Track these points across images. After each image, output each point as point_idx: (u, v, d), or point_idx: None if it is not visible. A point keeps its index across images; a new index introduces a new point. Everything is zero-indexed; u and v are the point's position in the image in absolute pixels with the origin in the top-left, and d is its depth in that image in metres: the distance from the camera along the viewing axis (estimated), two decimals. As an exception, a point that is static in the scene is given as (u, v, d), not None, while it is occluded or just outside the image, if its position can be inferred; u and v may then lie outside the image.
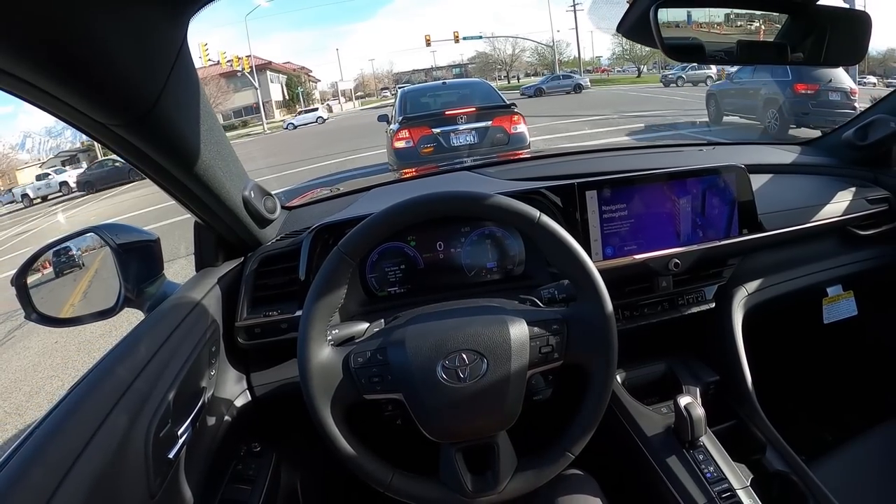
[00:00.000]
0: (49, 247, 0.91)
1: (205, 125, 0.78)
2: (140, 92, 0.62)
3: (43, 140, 40.94)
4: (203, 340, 0.85)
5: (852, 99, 7.56)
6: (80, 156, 35.29)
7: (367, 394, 0.72)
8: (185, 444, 0.72)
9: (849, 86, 7.70)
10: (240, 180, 0.95)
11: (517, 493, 0.74)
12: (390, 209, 0.73)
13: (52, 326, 0.89)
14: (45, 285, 0.89)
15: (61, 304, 0.91)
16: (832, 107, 7.61)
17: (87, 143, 35.10)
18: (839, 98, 7.64)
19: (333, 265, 0.72)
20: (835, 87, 7.67)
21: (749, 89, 8.97)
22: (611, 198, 1.04)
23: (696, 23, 0.93)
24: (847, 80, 7.79)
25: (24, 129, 28.06)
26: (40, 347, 4.00)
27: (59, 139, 39.49)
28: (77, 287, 0.93)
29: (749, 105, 9.03)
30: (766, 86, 8.50)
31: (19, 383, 3.48)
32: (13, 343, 4.23)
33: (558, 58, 42.11)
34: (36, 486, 0.50)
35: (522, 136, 5.31)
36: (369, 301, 1.05)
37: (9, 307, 4.80)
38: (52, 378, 3.42)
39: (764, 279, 1.23)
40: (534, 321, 0.74)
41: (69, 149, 35.43)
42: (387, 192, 1.28)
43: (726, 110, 9.73)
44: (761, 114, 8.65)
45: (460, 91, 6.49)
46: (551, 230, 0.73)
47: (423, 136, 5.26)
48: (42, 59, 0.50)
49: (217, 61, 30.19)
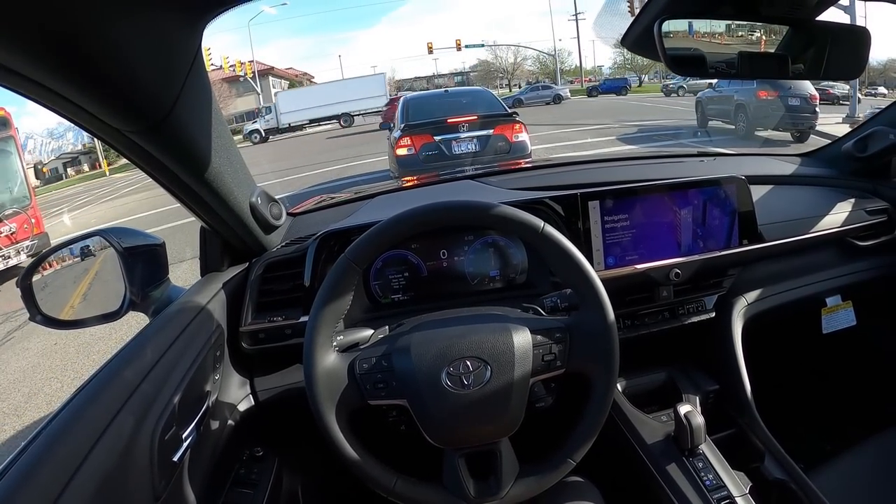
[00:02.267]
0: (55, 249, 0.91)
1: (216, 132, 0.79)
2: (157, 99, 0.63)
3: (45, 141, 40.95)
4: (208, 345, 0.85)
5: (812, 104, 8.59)
6: (81, 158, 35.32)
7: (372, 399, 0.73)
8: (190, 447, 0.73)
9: (808, 92, 8.60)
10: (247, 186, 0.96)
11: (519, 500, 0.74)
12: (397, 218, 0.74)
13: (57, 328, 0.89)
14: (51, 287, 0.90)
15: (66, 306, 0.92)
16: (792, 111, 8.71)
17: (88, 145, 35.13)
18: (798, 103, 8.63)
19: (340, 272, 0.73)
20: (794, 93, 8.57)
21: (725, 96, 10.02)
22: (613, 208, 1.05)
23: (698, 33, 0.95)
24: (808, 87, 8.62)
25: (27, 130, 28.11)
26: (40, 349, 3.99)
27: (60, 141, 39.51)
28: (80, 289, 0.94)
29: (725, 110, 10.13)
30: (738, 93, 9.55)
31: (18, 384, 3.48)
32: (12, 344, 4.23)
33: (560, 66, 42.09)
34: (43, 487, 0.51)
35: (524, 145, 5.33)
36: (373, 308, 1.05)
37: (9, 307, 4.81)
38: (51, 379, 3.42)
39: (764, 289, 1.24)
40: (537, 329, 0.75)
41: (70, 151, 35.42)
42: (391, 201, 1.29)
43: (710, 115, 10.77)
44: (734, 118, 9.76)
45: (462, 99, 6.51)
46: (555, 240, 0.74)
47: (425, 143, 5.28)
48: (64, 67, 0.51)
49: (220, 66, 30.26)
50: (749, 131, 9.34)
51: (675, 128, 12.13)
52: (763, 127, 9.33)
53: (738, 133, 9.52)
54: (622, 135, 11.39)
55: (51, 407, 2.95)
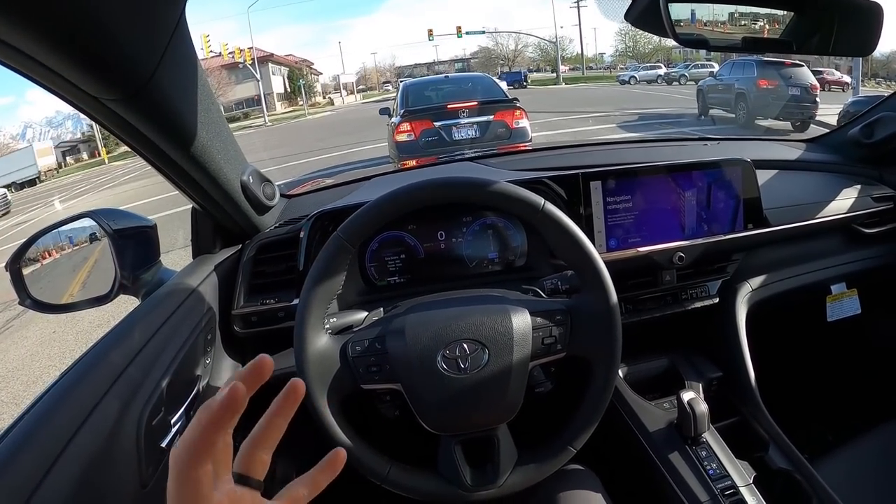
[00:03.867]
0: (44, 231, 0.89)
1: (202, 105, 0.76)
2: (135, 66, 0.60)
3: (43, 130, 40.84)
4: (199, 328, 0.83)
5: (812, 94, 8.55)
6: (80, 146, 35.25)
7: (365, 384, 0.71)
8: (179, 432, 0.71)
9: (809, 82, 8.63)
10: (238, 164, 0.93)
11: (517, 488, 0.72)
12: (390, 194, 0.71)
13: (47, 312, 0.87)
14: (40, 270, 0.88)
15: (57, 289, 0.90)
16: (791, 100, 8.68)
17: (87, 134, 35.04)
18: (799, 93, 8.62)
19: (332, 251, 0.71)
20: (794, 83, 8.62)
21: (726, 85, 10.02)
22: (615, 189, 1.03)
23: (700, 21, 0.92)
24: (809, 76, 8.74)
25: (26, 119, 28.04)
26: (38, 337, 3.99)
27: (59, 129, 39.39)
28: (77, 274, 0.92)
29: (726, 99, 10.11)
30: (739, 81, 9.56)
31: (17, 373, 3.48)
32: (10, 333, 4.23)
33: (561, 54, 41.77)
34: (24, 472, 0.49)
35: (524, 131, 5.29)
36: (368, 290, 1.03)
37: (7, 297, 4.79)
38: (49, 368, 3.42)
39: (768, 275, 1.22)
40: (537, 311, 0.73)
41: (70, 139, 35.36)
42: (388, 181, 1.26)
43: (710, 104, 10.75)
44: (734, 107, 9.77)
45: (462, 85, 6.52)
46: (556, 218, 0.72)
47: (425, 129, 5.23)
48: (36, 26, 0.48)
49: (219, 53, 30.04)
50: (749, 120, 9.34)
51: (677, 115, 12.20)
52: (763, 116, 9.32)
53: (739, 122, 9.52)
54: (623, 122, 11.38)
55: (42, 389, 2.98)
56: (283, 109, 40.57)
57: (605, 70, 46.37)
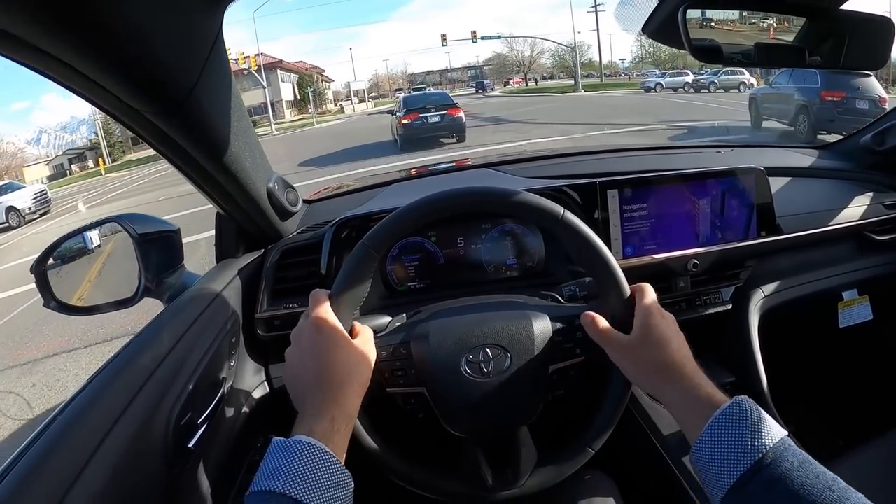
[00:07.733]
0: (70, 235, 0.91)
1: (235, 116, 0.78)
2: (176, 80, 0.62)
3: (58, 136, 41.04)
4: (223, 331, 0.85)
5: (881, 108, 7.48)
6: (87, 153, 35.46)
7: (390, 387, 0.72)
8: (205, 433, 0.72)
9: (878, 94, 7.84)
10: (265, 172, 0.95)
11: (537, 489, 0.73)
12: (416, 204, 0.72)
13: (71, 314, 0.89)
14: (65, 273, 0.90)
15: (81, 292, 0.92)
16: (859, 114, 7.58)
17: (94, 141, 35.22)
18: (866, 106, 7.74)
19: (358, 259, 0.71)
20: (862, 95, 7.83)
21: (784, 95, 9.21)
22: (632, 197, 1.04)
23: (715, 21, 0.93)
24: (877, 88, 7.95)
25: (41, 124, 28.26)
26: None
27: (74, 135, 39.58)
28: (100, 278, 0.93)
29: (784, 110, 9.26)
30: (799, 91, 8.75)
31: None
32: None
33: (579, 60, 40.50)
34: (58, 473, 0.50)
35: (461, 120, 12.40)
36: (389, 295, 1.05)
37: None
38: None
39: (780, 282, 1.23)
40: (556, 317, 0.74)
41: (77, 146, 35.56)
42: (407, 188, 1.28)
43: (765, 115, 9.98)
44: (793, 119, 8.91)
45: (433, 96, 14.55)
46: (575, 227, 0.73)
47: (415, 117, 12.14)
48: (85, 43, 0.50)
49: (226, 59, 30.01)
50: (811, 134, 8.42)
51: (727, 128, 11.27)
52: (826, 131, 8.22)
53: (799, 136, 8.58)
54: (674, 135, 10.46)
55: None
56: (293, 117, 40.59)
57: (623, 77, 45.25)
